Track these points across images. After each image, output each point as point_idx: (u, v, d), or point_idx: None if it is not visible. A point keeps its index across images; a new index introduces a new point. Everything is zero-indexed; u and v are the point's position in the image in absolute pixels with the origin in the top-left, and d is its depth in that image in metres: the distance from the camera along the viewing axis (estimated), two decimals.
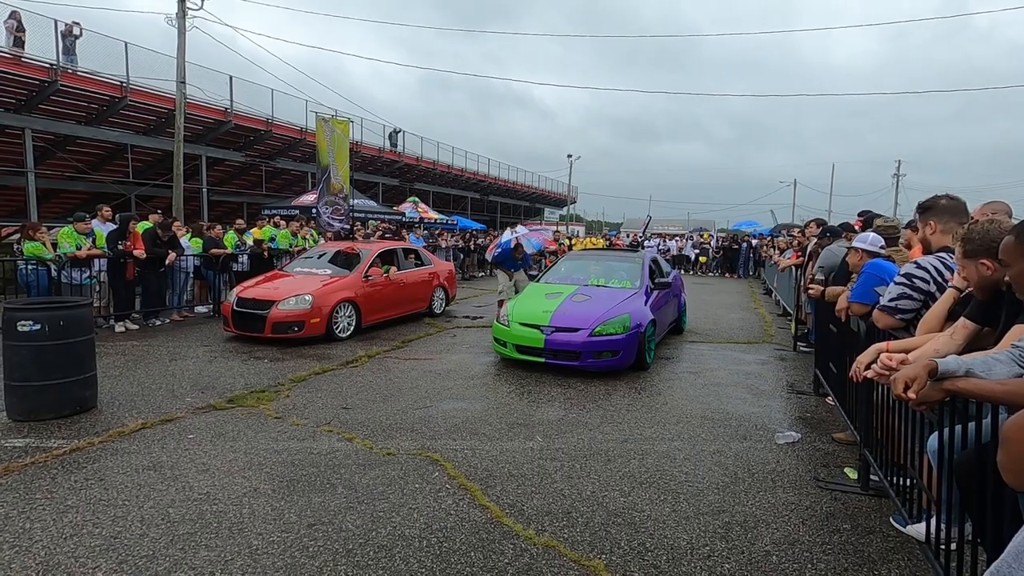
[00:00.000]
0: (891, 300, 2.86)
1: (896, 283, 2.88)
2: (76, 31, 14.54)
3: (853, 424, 4.05)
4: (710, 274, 23.47)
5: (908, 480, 2.79)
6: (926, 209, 2.91)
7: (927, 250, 2.94)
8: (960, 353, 2.12)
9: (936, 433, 2.29)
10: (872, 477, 3.48)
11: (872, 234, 4.46)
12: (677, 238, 28.98)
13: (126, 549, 2.78)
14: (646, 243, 23.53)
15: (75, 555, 2.72)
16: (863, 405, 3.65)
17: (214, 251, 9.80)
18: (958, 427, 2.10)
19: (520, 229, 11.15)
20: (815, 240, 7.80)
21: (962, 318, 2.18)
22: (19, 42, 13.53)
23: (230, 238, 10.48)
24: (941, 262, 2.75)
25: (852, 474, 3.80)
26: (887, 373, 2.03)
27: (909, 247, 4.90)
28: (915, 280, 2.79)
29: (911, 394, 1.76)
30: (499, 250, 10.07)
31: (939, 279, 2.70)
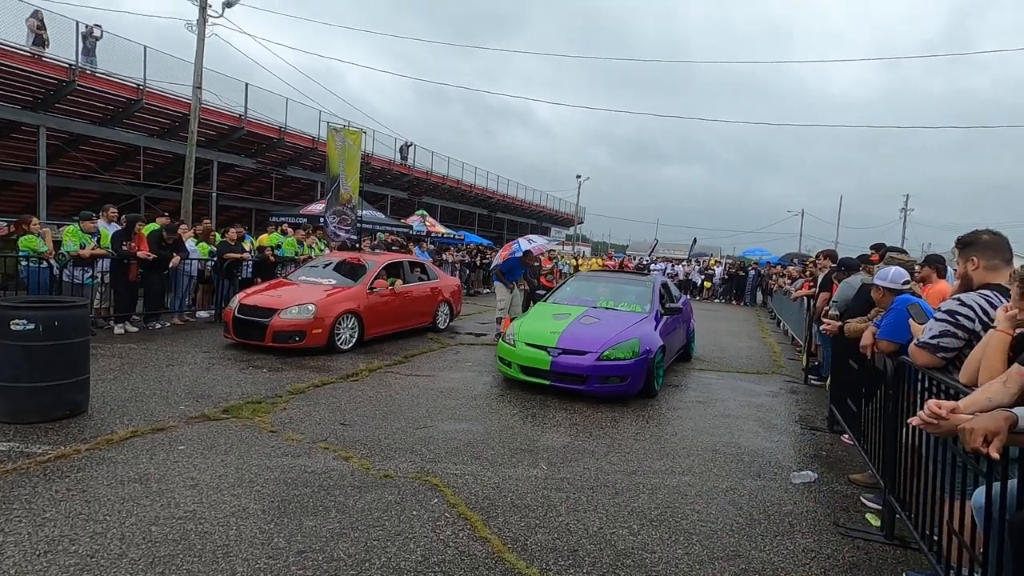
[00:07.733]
0: (932, 337, 2.69)
1: (937, 320, 2.72)
2: (97, 32, 14.69)
3: (874, 465, 3.86)
4: (716, 300, 23.25)
5: (944, 533, 2.59)
6: (967, 244, 2.76)
7: (967, 287, 2.77)
8: (1012, 404, 1.95)
9: (983, 487, 2.11)
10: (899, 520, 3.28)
11: (894, 268, 4.28)
12: (684, 262, 28.79)
13: (101, 570, 2.60)
14: (652, 267, 23.31)
15: (47, 575, 2.54)
16: (888, 447, 3.46)
17: (228, 255, 9.68)
18: (1012, 482, 1.92)
19: (537, 240, 11.03)
20: (827, 271, 7.65)
21: (1016, 365, 2.02)
22: (40, 40, 13.64)
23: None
24: (986, 300, 2.59)
25: (874, 520, 3.60)
26: (935, 422, 1.87)
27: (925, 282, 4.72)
28: (959, 318, 2.63)
29: (993, 451, 1.62)
30: (510, 255, 9.94)
31: (984, 318, 2.54)
